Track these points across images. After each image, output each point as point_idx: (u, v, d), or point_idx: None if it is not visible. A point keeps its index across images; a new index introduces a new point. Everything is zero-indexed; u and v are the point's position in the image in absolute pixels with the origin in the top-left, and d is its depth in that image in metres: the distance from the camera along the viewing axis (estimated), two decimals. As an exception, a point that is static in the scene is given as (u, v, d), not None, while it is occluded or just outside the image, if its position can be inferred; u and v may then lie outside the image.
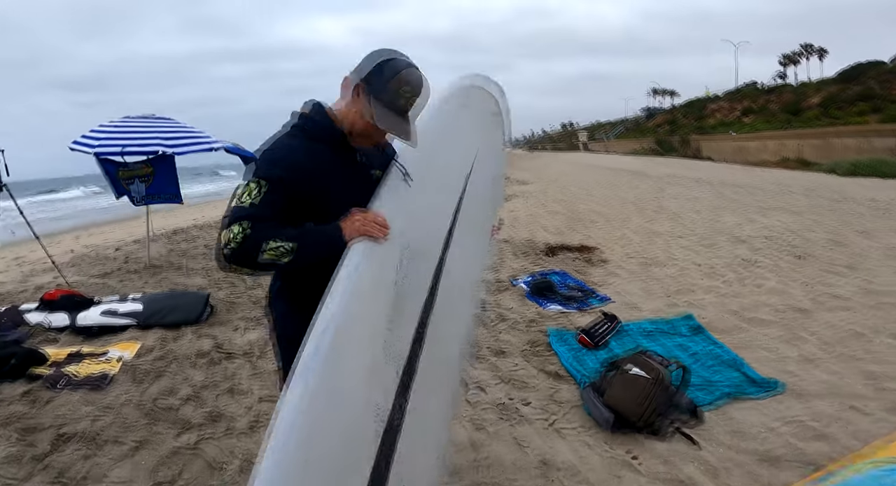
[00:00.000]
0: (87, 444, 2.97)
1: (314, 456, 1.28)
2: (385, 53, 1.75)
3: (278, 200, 1.66)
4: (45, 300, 5.15)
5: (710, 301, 5.00)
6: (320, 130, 1.79)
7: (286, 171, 1.68)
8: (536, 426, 3.00)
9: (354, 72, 1.76)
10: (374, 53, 1.76)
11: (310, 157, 1.74)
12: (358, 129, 1.78)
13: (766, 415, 3.04)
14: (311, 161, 1.73)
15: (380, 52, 1.76)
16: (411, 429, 1.46)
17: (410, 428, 1.46)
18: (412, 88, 1.72)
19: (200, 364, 3.95)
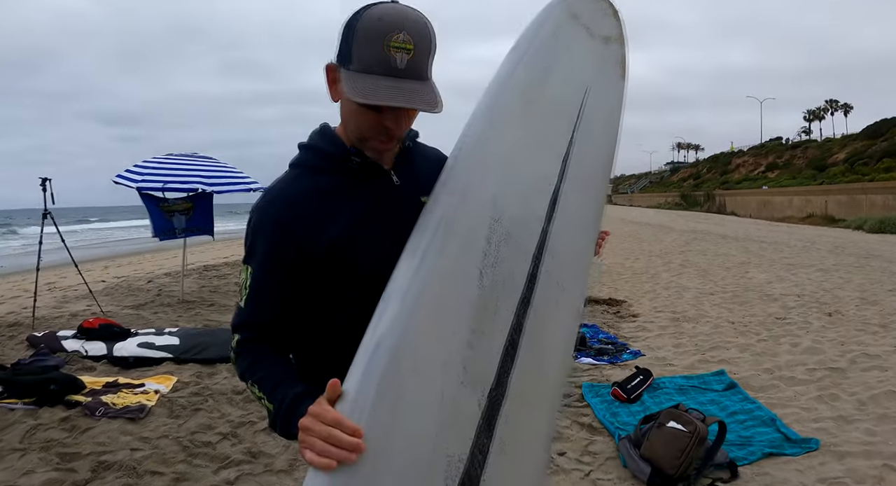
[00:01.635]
0: (127, 473, 3.01)
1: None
2: (356, 13, 1.13)
3: (272, 284, 1.19)
4: (84, 328, 5.27)
5: (744, 359, 4.97)
6: (325, 159, 1.24)
7: (273, 235, 1.18)
8: (573, 477, 2.99)
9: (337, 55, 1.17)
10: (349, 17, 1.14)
11: (309, 199, 1.20)
12: (353, 129, 1.20)
13: (803, 473, 3.01)
14: (310, 204, 1.19)
15: (353, 14, 1.13)
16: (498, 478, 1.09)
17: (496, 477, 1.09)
18: (394, 32, 1.07)
19: (237, 401, 4.00)
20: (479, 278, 1.10)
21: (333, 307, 1.21)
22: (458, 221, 1.13)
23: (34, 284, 6.70)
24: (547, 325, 1.16)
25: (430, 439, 1.04)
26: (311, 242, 1.16)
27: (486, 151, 1.19)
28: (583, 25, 1.24)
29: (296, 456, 3.19)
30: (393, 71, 1.08)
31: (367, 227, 1.19)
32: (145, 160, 7.36)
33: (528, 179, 1.19)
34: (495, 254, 1.12)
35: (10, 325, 6.32)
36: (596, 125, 1.25)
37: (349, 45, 1.11)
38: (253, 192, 7.49)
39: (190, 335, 5.17)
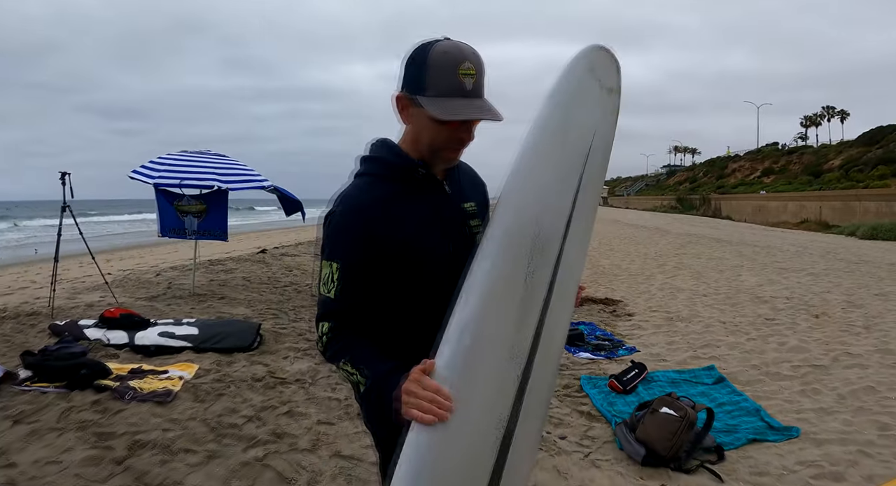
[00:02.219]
0: (161, 451, 3.26)
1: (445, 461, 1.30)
2: (422, 46, 1.40)
3: (359, 275, 1.43)
4: (105, 317, 5.51)
5: (733, 356, 5.25)
6: (391, 168, 1.48)
7: (357, 234, 1.42)
8: (574, 458, 3.26)
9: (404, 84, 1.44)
10: (414, 51, 1.41)
11: (383, 204, 1.44)
12: (431, 143, 1.45)
13: (783, 457, 3.29)
14: (384, 209, 1.44)
15: (418, 48, 1.40)
16: (522, 433, 1.40)
17: (522, 433, 1.40)
18: (463, 58, 1.37)
19: (257, 388, 4.26)
20: (524, 282, 1.39)
21: (403, 294, 1.46)
22: (513, 235, 1.39)
23: (52, 274, 6.94)
24: (557, 320, 1.45)
25: (489, 402, 1.35)
26: (386, 240, 1.41)
27: (531, 179, 1.45)
28: (596, 78, 1.52)
29: (318, 437, 3.45)
30: (465, 93, 1.36)
31: (429, 227, 1.46)
32: (161, 156, 7.59)
33: (556, 204, 1.46)
34: (534, 263, 1.40)
35: (28, 314, 6.54)
36: (595, 161, 1.55)
37: (421, 76, 1.37)
38: (264, 189, 7.76)
39: (207, 326, 5.42)
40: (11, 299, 7.80)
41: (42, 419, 3.65)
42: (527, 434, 1.41)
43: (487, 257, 1.38)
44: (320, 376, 4.53)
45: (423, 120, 1.41)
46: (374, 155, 1.52)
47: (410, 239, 1.43)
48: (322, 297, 1.45)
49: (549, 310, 1.41)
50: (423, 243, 1.44)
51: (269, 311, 6.82)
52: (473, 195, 1.57)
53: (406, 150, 1.49)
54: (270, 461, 3.14)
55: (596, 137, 1.53)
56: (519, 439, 1.38)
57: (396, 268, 1.43)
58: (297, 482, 2.94)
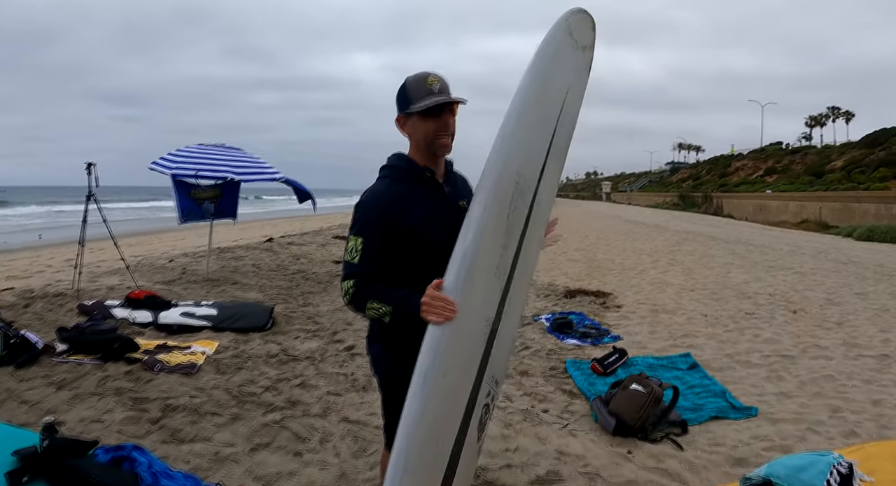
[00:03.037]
0: (191, 414, 3.71)
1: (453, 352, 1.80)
2: (404, 82, 2.02)
3: (378, 249, 1.91)
4: (131, 298, 5.96)
5: (709, 345, 5.67)
6: (405, 173, 2.02)
7: (378, 219, 1.92)
8: (553, 428, 3.69)
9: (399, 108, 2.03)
10: (400, 87, 2.03)
11: (399, 198, 1.96)
12: (425, 138, 1.97)
13: (740, 432, 3.71)
14: (400, 202, 1.95)
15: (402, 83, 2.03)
16: (503, 331, 1.92)
17: (503, 330, 1.91)
18: (427, 75, 1.96)
19: (272, 363, 4.70)
20: (507, 217, 1.89)
21: (409, 265, 1.97)
22: (501, 183, 1.88)
23: (77, 256, 7.35)
24: (531, 245, 1.98)
25: (482, 307, 1.88)
26: (399, 224, 1.93)
27: (517, 139, 1.93)
28: (573, 40, 2.04)
29: (328, 405, 3.89)
30: (435, 93, 1.94)
31: (432, 216, 1.99)
32: (179, 149, 8.03)
33: (534, 155, 1.99)
34: (515, 202, 1.90)
35: (55, 295, 6.97)
36: (567, 115, 2.09)
37: (406, 97, 1.97)
38: (275, 181, 8.19)
39: (225, 307, 5.86)
40: (32, 282, 8.25)
41: (82, 386, 4.09)
42: (507, 329, 1.97)
43: (480, 202, 1.86)
44: (328, 354, 4.97)
45: (416, 124, 1.98)
46: (391, 164, 2.08)
47: (418, 225, 1.95)
48: (347, 262, 1.95)
49: (525, 237, 1.96)
50: (427, 228, 1.97)
51: (279, 296, 7.28)
52: (466, 195, 2.10)
53: (414, 159, 2.05)
54: (287, 423, 3.58)
55: (569, 93, 2.07)
56: (502, 332, 1.93)
57: (406, 245, 1.94)
58: (310, 441, 3.38)
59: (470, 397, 1.83)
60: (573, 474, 3.07)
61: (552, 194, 2.10)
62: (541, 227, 2.04)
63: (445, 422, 1.79)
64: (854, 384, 4.58)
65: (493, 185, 1.86)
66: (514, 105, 1.92)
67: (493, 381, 1.93)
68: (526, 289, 2.09)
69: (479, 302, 1.85)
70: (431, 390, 1.74)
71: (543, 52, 1.98)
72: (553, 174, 2.05)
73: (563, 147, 2.09)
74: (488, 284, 1.86)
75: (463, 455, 1.81)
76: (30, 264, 11.03)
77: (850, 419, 3.91)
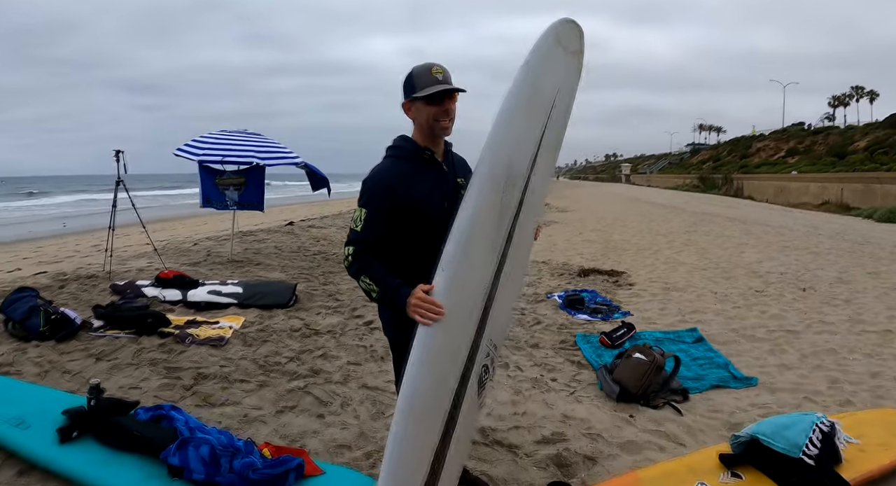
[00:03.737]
0: (221, 381, 3.98)
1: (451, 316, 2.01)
2: (410, 70, 2.24)
3: (380, 220, 2.14)
4: (161, 278, 6.25)
5: (717, 321, 5.83)
6: (408, 153, 2.24)
7: (382, 192, 2.15)
8: (561, 395, 3.91)
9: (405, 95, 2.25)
10: (406, 75, 2.24)
11: (402, 175, 2.18)
12: (427, 122, 2.19)
13: (739, 400, 3.90)
14: (403, 178, 2.17)
15: (409, 72, 2.24)
16: (500, 299, 2.14)
17: (500, 299, 2.13)
18: (432, 65, 2.18)
19: (295, 336, 4.96)
20: (500, 201, 2.13)
21: (411, 235, 2.20)
22: (495, 172, 2.12)
23: (107, 241, 7.67)
24: (525, 226, 2.19)
25: (480, 275, 2.10)
26: (402, 197, 2.16)
27: (507, 132, 2.16)
28: (562, 46, 2.23)
29: (348, 374, 4.14)
30: (439, 81, 2.16)
31: (432, 191, 2.22)
32: (203, 135, 8.30)
33: (525, 148, 2.21)
34: (507, 189, 2.13)
35: (88, 277, 7.30)
36: (559, 112, 2.27)
37: (412, 84, 2.19)
38: (296, 166, 8.44)
39: (250, 286, 6.13)
40: (63, 266, 8.60)
41: (119, 357, 4.38)
42: (505, 299, 2.19)
43: (475, 185, 2.12)
44: (349, 328, 5.23)
45: (420, 108, 2.20)
46: (396, 144, 2.31)
47: (419, 198, 2.19)
48: (351, 230, 2.19)
49: (519, 217, 2.18)
50: (427, 202, 2.20)
51: (301, 275, 7.55)
52: (464, 174, 2.33)
53: (416, 140, 2.28)
54: (310, 389, 3.84)
55: (560, 92, 2.29)
56: (499, 300, 2.15)
57: (408, 217, 2.18)
58: (332, 405, 3.63)
59: (469, 355, 2.05)
60: (576, 435, 3.28)
61: (545, 183, 2.30)
62: (534, 212, 2.25)
63: (446, 372, 2.00)
64: (855, 358, 4.73)
65: (486, 171, 2.10)
66: (504, 104, 2.16)
67: (491, 344, 2.13)
68: (522, 266, 2.30)
69: (476, 270, 2.08)
70: (434, 344, 1.98)
71: (533, 56, 2.20)
72: (545, 166, 2.25)
73: (556, 142, 2.29)
74: (485, 256, 2.08)
75: (464, 406, 2.03)
76: (58, 250, 11.42)
77: (847, 390, 4.08)
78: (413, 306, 2.00)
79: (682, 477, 2.68)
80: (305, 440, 3.13)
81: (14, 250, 11.64)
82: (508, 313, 2.30)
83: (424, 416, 1.96)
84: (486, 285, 2.08)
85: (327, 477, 2.59)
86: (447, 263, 2.03)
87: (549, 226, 15.64)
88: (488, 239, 2.08)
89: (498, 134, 2.13)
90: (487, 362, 2.13)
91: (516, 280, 2.25)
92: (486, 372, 2.13)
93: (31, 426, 2.89)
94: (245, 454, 2.53)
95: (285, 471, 2.47)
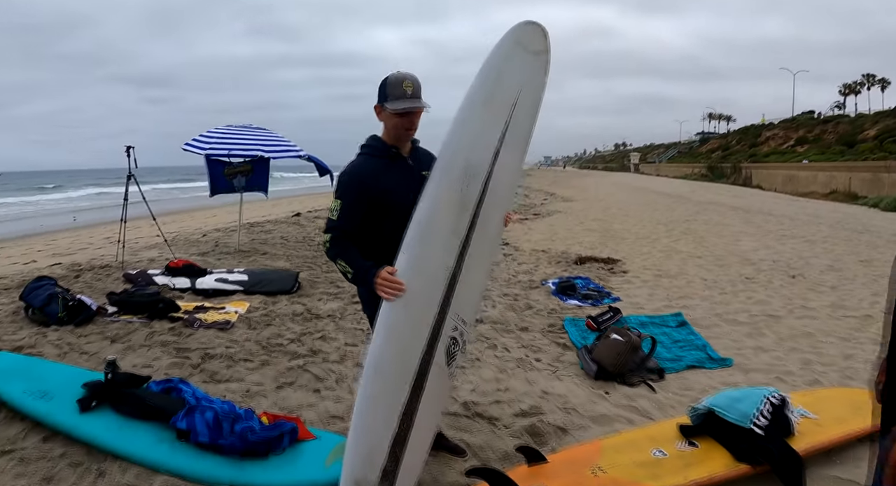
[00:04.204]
0: (226, 360, 4.27)
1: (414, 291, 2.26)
2: (385, 77, 2.50)
3: (354, 210, 2.44)
4: (170, 267, 6.56)
5: (702, 306, 6.07)
6: (377, 150, 2.55)
7: (355, 186, 2.46)
8: (543, 374, 4.17)
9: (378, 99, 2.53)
10: (381, 81, 2.51)
11: (372, 170, 2.49)
12: (393, 128, 2.50)
13: (712, 379, 4.15)
14: (373, 173, 2.48)
15: (384, 78, 2.51)
16: (466, 279, 2.35)
17: (465, 278, 2.35)
18: (404, 78, 2.45)
19: (297, 320, 5.25)
20: (460, 193, 2.35)
21: (381, 222, 2.50)
22: (451, 169, 2.34)
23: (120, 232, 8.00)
24: (490, 215, 2.40)
25: (441, 256, 2.33)
26: (372, 189, 2.47)
27: (465, 131, 2.38)
28: (523, 47, 2.41)
29: (345, 353, 4.42)
30: (407, 96, 2.45)
31: (399, 184, 2.49)
32: (209, 130, 8.59)
33: (484, 146, 2.41)
34: (467, 183, 2.35)
35: (101, 267, 7.63)
36: (522, 111, 2.45)
37: (385, 92, 2.47)
38: (300, 158, 8.73)
39: (255, 273, 6.43)
40: (77, 258, 8.95)
41: (133, 340, 4.68)
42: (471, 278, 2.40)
43: (434, 177, 2.36)
44: (347, 313, 5.51)
45: (389, 117, 2.50)
46: (367, 143, 2.62)
47: (387, 190, 2.49)
48: (329, 219, 2.49)
49: (482, 207, 2.38)
50: (395, 193, 2.48)
51: (304, 264, 7.84)
52: (428, 167, 2.51)
53: (385, 139, 2.58)
54: (308, 367, 4.12)
55: (523, 90, 2.46)
56: (464, 279, 2.36)
57: (377, 207, 2.48)
58: (327, 381, 3.91)
59: (435, 324, 2.30)
60: (553, 408, 3.55)
61: (513, 176, 2.53)
62: (500, 203, 2.46)
63: (412, 340, 2.27)
64: (830, 341, 4.95)
65: (442, 166, 2.36)
66: (461, 104, 2.38)
67: (458, 318, 2.37)
68: (488, 250, 2.53)
69: (437, 253, 2.33)
70: (395, 316, 2.27)
71: (490, 59, 2.39)
72: (511, 160, 2.45)
73: (522, 138, 2.47)
74: (445, 240, 2.32)
75: (432, 373, 2.29)
76: (71, 242, 11.77)
77: (817, 370, 4.30)
78: (378, 285, 2.27)
79: (642, 445, 2.93)
80: (302, 411, 3.41)
81: (28, 244, 12.00)
82: (478, 292, 2.54)
83: (388, 379, 2.23)
84: (448, 266, 2.31)
85: (319, 442, 2.87)
86: (407, 246, 2.29)
87: (551, 216, 15.88)
88: (448, 226, 2.31)
89: (454, 133, 2.35)
90: (456, 335, 2.38)
91: (483, 262, 2.48)
92: (454, 344, 2.38)
93: (53, 397, 3.19)
94: (245, 420, 2.81)
95: (280, 434, 2.76)
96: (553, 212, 17.03)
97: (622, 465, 2.74)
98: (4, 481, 2.72)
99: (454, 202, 2.33)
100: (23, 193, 40.75)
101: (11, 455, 2.89)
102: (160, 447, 2.81)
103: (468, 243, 2.35)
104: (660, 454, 2.84)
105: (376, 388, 2.23)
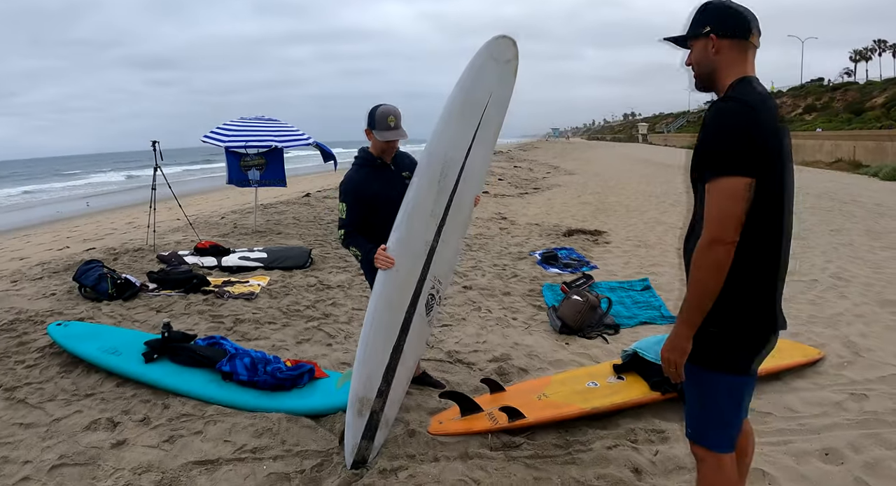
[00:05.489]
0: (254, 324, 5.12)
1: (401, 261, 2.98)
2: (374, 108, 3.24)
3: (354, 210, 3.22)
4: (198, 248, 7.42)
5: (669, 273, 6.83)
6: (367, 161, 3.33)
7: (353, 191, 3.24)
8: (518, 330, 4.99)
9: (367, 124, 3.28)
10: (370, 109, 3.26)
11: (364, 177, 3.28)
12: (379, 147, 3.27)
13: (658, 333, 4.93)
14: (364, 180, 3.27)
15: (372, 108, 3.25)
16: (441, 250, 3.10)
17: (441, 249, 3.10)
18: (389, 113, 3.20)
19: (311, 290, 6.10)
20: (438, 182, 3.11)
21: (375, 217, 3.24)
22: (432, 164, 3.10)
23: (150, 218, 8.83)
24: (462, 199, 3.19)
25: (422, 234, 3.12)
26: (365, 192, 3.28)
27: (444, 132, 3.12)
28: (494, 59, 3.15)
29: (352, 316, 5.27)
30: (391, 128, 3.26)
31: (384, 187, 3.29)
32: (225, 123, 9.44)
33: (459, 144, 3.15)
34: (445, 174, 3.10)
35: (135, 250, 8.47)
36: (492, 111, 3.20)
37: (373, 121, 3.26)
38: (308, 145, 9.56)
39: (273, 251, 7.28)
40: (107, 242, 9.72)
41: (174, 310, 5.54)
42: (446, 249, 3.20)
43: (417, 174, 3.14)
44: (355, 283, 6.35)
45: (375, 141, 3.30)
46: (359, 155, 3.41)
47: (376, 193, 3.28)
48: (339, 218, 3.32)
49: (456, 193, 3.14)
50: (381, 194, 3.27)
51: (316, 242, 8.68)
52: (408, 167, 3.34)
53: (372, 152, 3.37)
54: (322, 327, 4.98)
55: (492, 96, 3.19)
56: (440, 251, 3.14)
57: (369, 206, 3.27)
58: (338, 337, 4.77)
59: (417, 285, 3.10)
60: (520, 355, 4.38)
61: (482, 166, 3.29)
62: (471, 189, 3.23)
63: (400, 296, 3.07)
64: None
65: (426, 165, 3.11)
66: (442, 113, 3.12)
67: (435, 280, 3.18)
68: (461, 226, 3.32)
69: (419, 231, 3.09)
70: (390, 277, 3.05)
71: (467, 71, 3.10)
72: (481, 154, 3.21)
73: (491, 134, 3.23)
74: (425, 221, 3.09)
75: (415, 320, 3.11)
76: (95, 228, 12.54)
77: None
78: (376, 259, 3.04)
79: (581, 379, 3.75)
80: (318, 360, 4.26)
81: (53, 230, 12.78)
82: (452, 258, 3.35)
83: (383, 325, 3.04)
84: (428, 240, 3.08)
85: (330, 379, 3.71)
86: (396, 227, 3.07)
87: (551, 189, 16.62)
88: (427, 210, 3.07)
89: (435, 136, 3.11)
90: (433, 292, 3.19)
91: (457, 235, 3.28)
92: (432, 299, 3.20)
93: (122, 353, 4.05)
94: (274, 363, 3.66)
95: (301, 373, 3.61)
96: (553, 186, 17.75)
97: (562, 392, 3.56)
98: (93, 414, 3.58)
99: (433, 191, 3.07)
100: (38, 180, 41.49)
101: (94, 397, 3.76)
102: (210, 386, 3.67)
103: (444, 221, 3.11)
104: (593, 385, 3.66)
105: (374, 331, 3.03)
